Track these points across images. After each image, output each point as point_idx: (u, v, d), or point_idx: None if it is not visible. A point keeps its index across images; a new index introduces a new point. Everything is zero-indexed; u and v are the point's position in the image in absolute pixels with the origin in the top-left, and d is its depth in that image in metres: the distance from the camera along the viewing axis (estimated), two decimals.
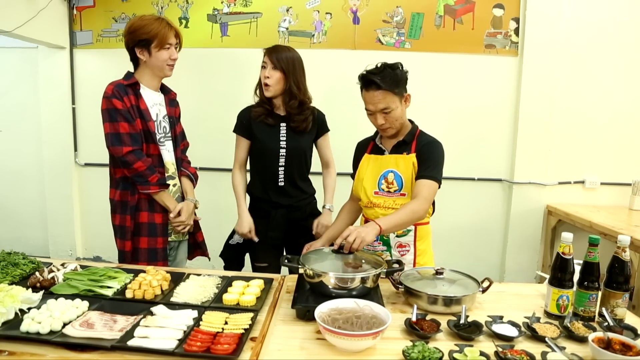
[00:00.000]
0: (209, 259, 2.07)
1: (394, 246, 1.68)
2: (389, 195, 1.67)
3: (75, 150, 3.51)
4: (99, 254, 3.67)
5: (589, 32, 3.12)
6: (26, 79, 3.52)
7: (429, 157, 1.63)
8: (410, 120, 1.73)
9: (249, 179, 2.07)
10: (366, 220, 1.75)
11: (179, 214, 1.84)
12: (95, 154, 3.46)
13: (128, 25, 1.79)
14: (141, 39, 1.75)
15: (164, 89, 1.94)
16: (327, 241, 1.77)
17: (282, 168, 1.93)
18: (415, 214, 1.52)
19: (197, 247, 2.03)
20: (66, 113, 3.44)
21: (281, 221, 1.92)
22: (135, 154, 1.74)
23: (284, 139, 1.91)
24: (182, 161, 1.99)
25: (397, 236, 1.68)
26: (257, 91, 1.96)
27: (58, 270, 1.47)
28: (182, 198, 1.95)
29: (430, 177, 1.58)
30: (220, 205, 3.28)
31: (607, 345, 1.06)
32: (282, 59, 1.85)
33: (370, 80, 1.57)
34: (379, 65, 1.61)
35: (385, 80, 1.56)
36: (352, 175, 1.86)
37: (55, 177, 3.53)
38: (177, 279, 1.47)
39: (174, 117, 1.95)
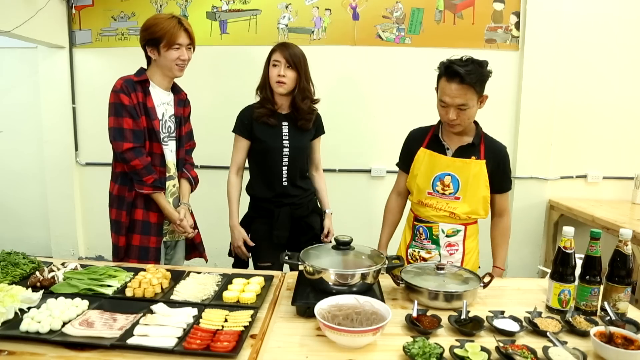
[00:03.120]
0: (206, 260, 2.06)
1: (443, 245, 1.68)
2: (443, 197, 1.66)
3: (76, 149, 3.50)
4: (101, 253, 3.67)
5: (590, 26, 3.09)
6: (26, 79, 3.51)
7: (505, 169, 1.70)
8: (474, 121, 1.68)
9: (247, 180, 2.05)
10: (415, 218, 1.74)
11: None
12: (96, 153, 3.46)
13: (144, 22, 1.80)
14: (151, 38, 1.76)
15: (174, 89, 1.94)
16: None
17: (286, 167, 1.92)
18: (510, 230, 1.77)
19: (194, 249, 2.03)
20: (66, 113, 3.44)
21: (286, 219, 1.91)
22: (135, 151, 1.74)
23: (287, 137, 1.91)
24: (185, 162, 1.98)
25: (447, 236, 1.68)
26: (261, 91, 1.93)
27: (58, 269, 1.47)
28: (179, 199, 1.95)
29: (510, 188, 1.74)
30: (222, 203, 3.26)
31: (608, 339, 1.05)
32: (295, 56, 1.84)
33: (456, 72, 1.51)
34: (464, 58, 1.55)
35: (470, 75, 1.50)
36: (398, 165, 1.83)
37: (56, 176, 3.53)
38: (177, 277, 1.47)
39: (181, 117, 1.94)
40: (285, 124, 1.91)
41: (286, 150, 1.90)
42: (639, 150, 3.22)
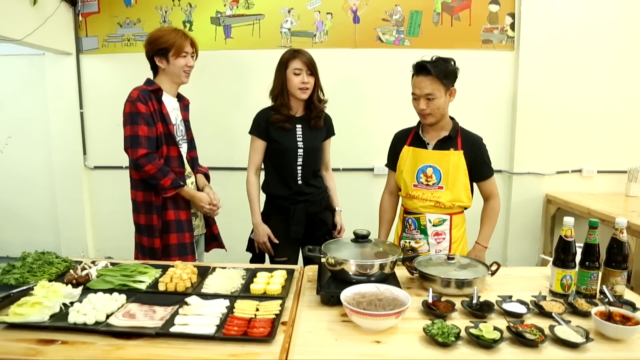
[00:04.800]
0: (226, 250, 2.17)
1: (431, 234, 1.83)
2: (428, 188, 1.81)
3: (85, 153, 3.57)
4: (110, 255, 3.74)
5: (583, 25, 3.22)
6: (34, 86, 3.58)
7: (483, 157, 1.85)
8: (450, 117, 1.86)
9: (262, 179, 2.15)
10: (405, 210, 1.89)
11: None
12: (104, 157, 3.54)
13: (148, 36, 1.92)
14: (160, 48, 1.87)
15: (178, 96, 2.05)
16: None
17: (300, 167, 2.01)
18: (498, 209, 1.93)
19: (213, 240, 2.15)
20: (74, 118, 3.50)
21: (301, 216, 2.00)
22: (148, 157, 1.82)
23: (301, 139, 2.00)
24: (196, 161, 2.11)
25: (434, 225, 1.81)
26: (277, 97, 1.99)
27: (89, 267, 1.56)
28: (198, 187, 2.07)
29: (492, 174, 1.90)
30: (229, 203, 3.35)
31: (608, 317, 1.16)
32: (313, 62, 1.96)
33: (423, 66, 1.72)
34: (433, 57, 1.75)
35: (435, 68, 1.70)
36: (387, 165, 2.00)
37: (65, 181, 3.60)
38: (204, 272, 1.56)
39: (187, 121, 2.08)
40: (299, 126, 2.01)
41: (300, 151, 2.00)
42: (632, 144, 3.35)
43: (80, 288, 1.37)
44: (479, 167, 1.85)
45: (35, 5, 2.94)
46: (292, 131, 2.00)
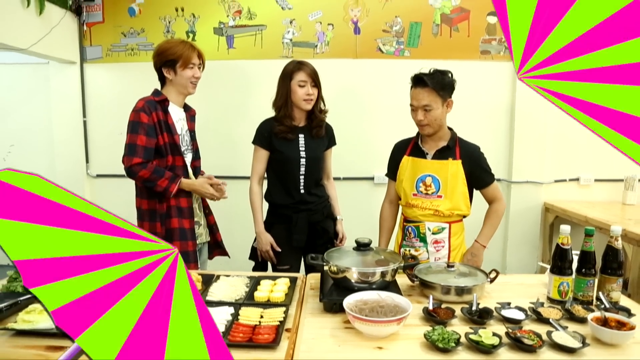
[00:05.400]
0: (229, 256, 2.19)
1: (430, 243, 1.86)
2: (427, 197, 1.85)
3: (87, 162, 3.60)
4: None
5: None
6: (38, 94, 3.62)
7: (482, 165, 1.89)
8: (449, 127, 1.90)
9: (265, 188, 2.17)
10: (405, 219, 1.93)
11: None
12: (106, 166, 3.56)
13: (156, 48, 1.96)
14: (168, 60, 1.91)
15: (185, 106, 2.09)
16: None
17: (303, 176, 2.05)
18: (502, 212, 1.94)
19: (217, 247, 2.18)
20: (77, 126, 3.53)
21: (303, 224, 2.03)
22: (142, 165, 1.85)
23: (303, 148, 2.04)
24: (198, 170, 2.15)
25: (433, 233, 1.85)
26: (280, 108, 2.01)
27: None
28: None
29: (493, 180, 1.92)
30: (230, 212, 3.39)
31: (604, 323, 1.19)
32: (317, 74, 2.00)
33: (420, 78, 1.77)
34: (431, 70, 1.80)
35: (432, 81, 1.74)
36: (387, 175, 2.04)
37: (68, 188, 3.56)
38: (208, 280, 1.59)
39: (193, 132, 2.11)
40: (301, 135, 2.05)
41: (303, 161, 2.03)
42: None
43: None
44: (479, 175, 1.90)
45: (41, 15, 2.99)
46: (295, 141, 2.04)
